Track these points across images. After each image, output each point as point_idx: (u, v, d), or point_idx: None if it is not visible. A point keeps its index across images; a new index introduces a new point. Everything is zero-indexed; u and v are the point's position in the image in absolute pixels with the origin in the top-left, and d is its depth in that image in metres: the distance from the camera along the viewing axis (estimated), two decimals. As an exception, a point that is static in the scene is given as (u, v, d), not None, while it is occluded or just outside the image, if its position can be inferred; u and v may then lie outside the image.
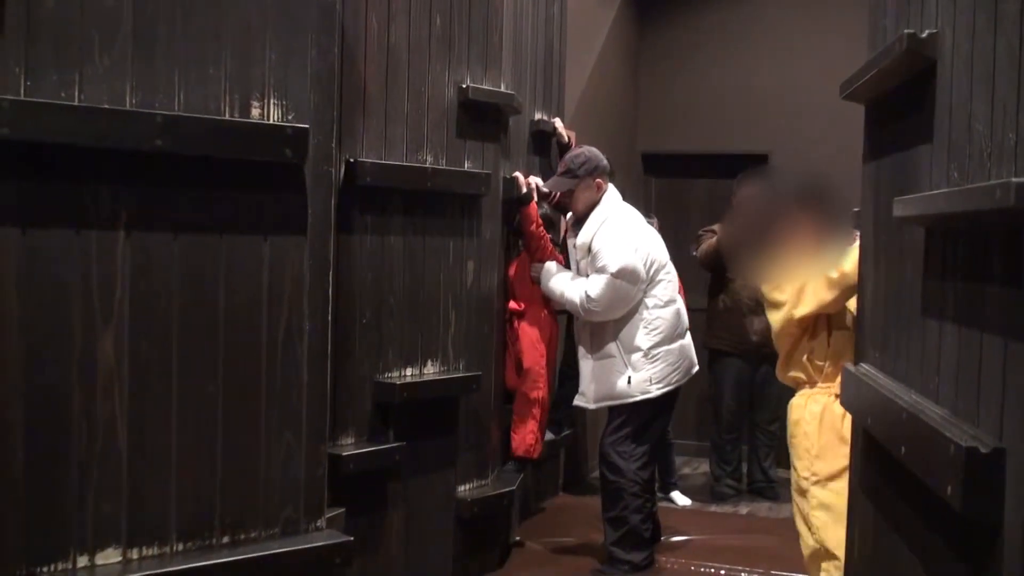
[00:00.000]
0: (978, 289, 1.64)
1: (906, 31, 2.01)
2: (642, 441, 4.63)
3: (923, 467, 1.67)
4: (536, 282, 4.82)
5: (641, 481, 4.61)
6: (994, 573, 1.48)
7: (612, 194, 4.74)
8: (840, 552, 2.93)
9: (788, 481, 3.49)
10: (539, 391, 4.87)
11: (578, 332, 4.83)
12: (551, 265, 4.79)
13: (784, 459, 4.70)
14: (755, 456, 6.39)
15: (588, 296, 4.50)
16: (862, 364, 2.46)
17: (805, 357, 3.34)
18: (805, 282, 3.20)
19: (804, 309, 3.21)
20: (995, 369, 1.52)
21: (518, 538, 4.98)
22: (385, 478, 3.98)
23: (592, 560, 4.73)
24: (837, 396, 3.06)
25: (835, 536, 3.05)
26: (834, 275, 3.10)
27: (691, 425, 7.18)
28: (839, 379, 2.91)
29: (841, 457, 3.11)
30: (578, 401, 4.80)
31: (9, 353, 2.26)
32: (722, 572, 4.67)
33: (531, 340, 4.88)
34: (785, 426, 3.47)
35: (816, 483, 3.23)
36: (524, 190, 4.82)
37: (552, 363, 5.03)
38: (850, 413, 2.55)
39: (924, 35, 1.96)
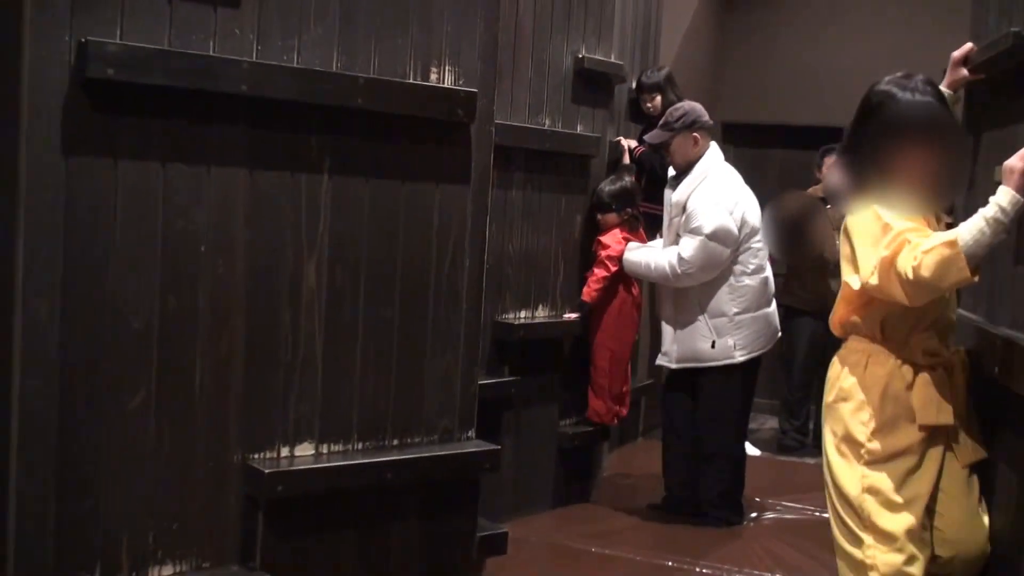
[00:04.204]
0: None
1: (1012, 30, 2.39)
2: (732, 407, 4.75)
3: None
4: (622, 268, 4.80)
5: (732, 450, 4.76)
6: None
7: (714, 152, 4.71)
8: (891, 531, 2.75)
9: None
10: (603, 359, 4.93)
11: (660, 298, 4.91)
12: (631, 244, 4.81)
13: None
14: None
15: (681, 258, 4.49)
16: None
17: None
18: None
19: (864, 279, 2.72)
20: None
21: (607, 473, 5.42)
22: (500, 408, 4.43)
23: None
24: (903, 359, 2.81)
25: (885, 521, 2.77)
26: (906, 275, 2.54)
27: (761, 383, 7.43)
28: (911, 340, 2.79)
29: (905, 435, 2.79)
30: (660, 360, 4.85)
31: (237, 273, 2.71)
32: (816, 513, 4.90)
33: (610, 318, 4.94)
34: None
35: (872, 463, 2.82)
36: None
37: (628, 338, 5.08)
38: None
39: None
